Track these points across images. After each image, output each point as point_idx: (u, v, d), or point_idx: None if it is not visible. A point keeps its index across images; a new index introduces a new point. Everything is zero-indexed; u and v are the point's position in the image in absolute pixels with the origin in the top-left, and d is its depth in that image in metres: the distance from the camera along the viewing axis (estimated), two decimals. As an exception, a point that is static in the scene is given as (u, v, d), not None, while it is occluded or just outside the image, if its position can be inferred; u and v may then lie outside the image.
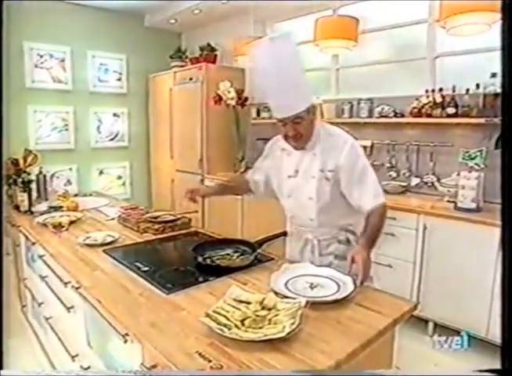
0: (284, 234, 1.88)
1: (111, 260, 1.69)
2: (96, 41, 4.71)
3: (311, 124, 1.63)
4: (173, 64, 4.90)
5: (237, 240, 1.82)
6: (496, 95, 2.62)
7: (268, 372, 0.96)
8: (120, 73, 4.94)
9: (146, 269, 1.55)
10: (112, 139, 5.00)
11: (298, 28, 4.01)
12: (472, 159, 2.68)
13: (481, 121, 2.66)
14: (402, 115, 3.22)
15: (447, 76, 3.13)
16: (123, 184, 5.18)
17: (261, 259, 1.65)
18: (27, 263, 2.46)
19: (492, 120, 2.59)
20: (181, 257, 1.76)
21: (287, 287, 1.35)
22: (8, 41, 3.72)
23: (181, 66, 4.83)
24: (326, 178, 1.63)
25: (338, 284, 1.36)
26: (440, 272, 2.61)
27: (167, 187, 5.04)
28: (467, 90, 2.80)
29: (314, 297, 1.27)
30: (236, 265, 1.56)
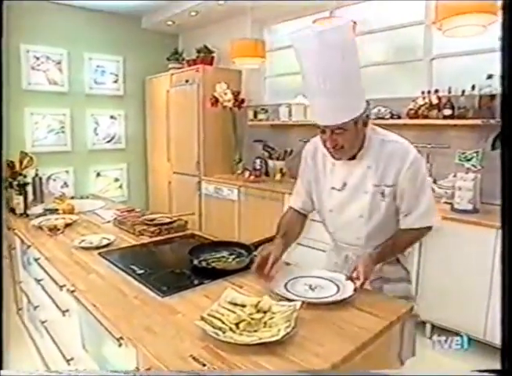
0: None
1: (106, 263, 1.68)
2: (93, 43, 4.71)
3: (357, 134, 1.37)
4: (170, 66, 4.91)
5: (233, 243, 1.81)
6: (492, 96, 2.63)
7: (268, 372, 0.95)
8: (116, 75, 4.94)
9: (142, 272, 1.53)
10: (109, 141, 5.00)
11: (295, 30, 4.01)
12: (468, 160, 2.68)
13: (478, 123, 2.67)
14: (399, 116, 3.22)
15: (443, 77, 3.14)
16: (120, 186, 5.17)
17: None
18: (23, 266, 2.44)
19: (489, 121, 2.59)
20: (176, 259, 1.75)
21: (287, 289, 1.34)
22: (4, 43, 3.72)
23: (178, 68, 4.84)
24: (382, 193, 1.41)
25: (338, 286, 1.35)
26: (437, 273, 2.60)
27: (164, 189, 5.04)
28: (463, 91, 2.80)
29: (314, 298, 1.27)
30: (232, 267, 1.55)
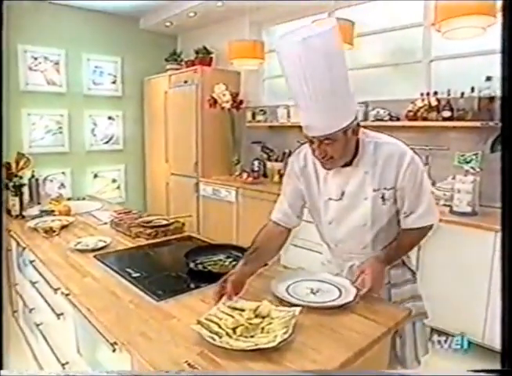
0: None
1: (102, 266, 1.66)
2: (91, 43, 4.69)
3: (348, 143, 1.29)
4: (168, 67, 4.88)
5: (230, 246, 1.79)
6: (491, 98, 2.61)
7: (270, 372, 0.94)
8: (114, 76, 4.92)
9: (137, 276, 1.52)
10: (107, 142, 4.97)
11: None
12: (467, 162, 2.67)
13: (477, 125, 2.66)
14: (398, 118, 3.21)
15: (442, 79, 3.13)
16: (117, 187, 5.15)
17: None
18: (18, 268, 2.42)
19: (488, 123, 2.58)
20: (173, 262, 1.73)
21: (288, 292, 1.33)
22: (4, 43, 3.70)
23: (176, 69, 4.81)
24: (383, 197, 1.35)
25: (340, 291, 1.33)
26: (435, 276, 2.59)
27: (162, 191, 5.02)
28: (462, 93, 2.79)
29: (313, 302, 1.25)
30: (229, 271, 1.53)
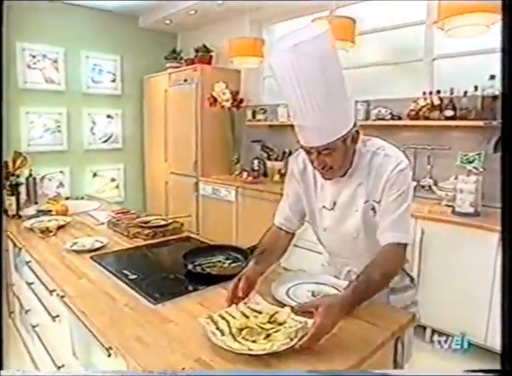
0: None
1: (98, 267, 1.62)
2: (90, 41, 4.65)
3: (347, 152, 1.25)
4: (168, 65, 4.85)
5: (229, 247, 1.76)
6: (495, 97, 2.58)
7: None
8: (114, 74, 4.88)
9: (134, 277, 1.48)
10: (106, 141, 4.94)
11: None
12: (470, 162, 2.63)
13: (480, 124, 2.62)
14: (399, 118, 3.17)
15: (445, 78, 3.09)
16: (117, 187, 5.11)
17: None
18: (15, 269, 2.39)
19: (491, 122, 2.55)
20: (171, 264, 1.70)
21: (289, 295, 1.29)
22: (4, 43, 3.68)
23: (176, 67, 4.77)
24: (373, 209, 1.29)
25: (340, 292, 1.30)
26: (438, 277, 2.56)
27: (161, 190, 4.98)
28: (465, 92, 2.75)
29: None
30: (228, 273, 1.49)
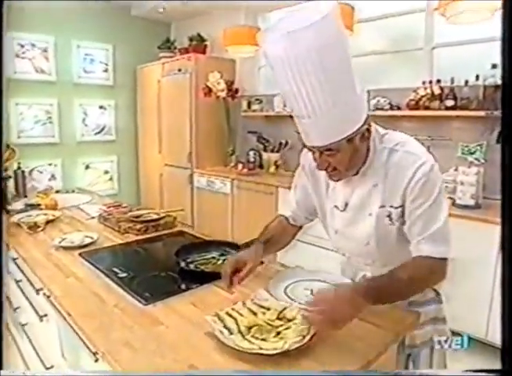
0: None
1: (87, 265, 1.55)
2: (81, 30, 4.50)
3: (354, 153, 1.09)
4: (161, 55, 4.72)
5: (224, 242, 1.69)
6: (497, 86, 2.51)
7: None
8: (106, 64, 4.75)
9: (124, 276, 1.41)
10: (98, 133, 4.83)
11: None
12: (471, 153, 2.57)
13: (481, 114, 2.56)
14: (399, 108, 3.10)
15: (445, 67, 3.02)
16: (110, 179, 5.02)
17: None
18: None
19: (493, 113, 2.49)
20: (163, 261, 1.63)
21: (286, 293, 1.23)
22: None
23: (169, 57, 4.66)
24: (389, 216, 1.14)
25: None
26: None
27: (155, 182, 4.90)
28: (466, 82, 2.69)
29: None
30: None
